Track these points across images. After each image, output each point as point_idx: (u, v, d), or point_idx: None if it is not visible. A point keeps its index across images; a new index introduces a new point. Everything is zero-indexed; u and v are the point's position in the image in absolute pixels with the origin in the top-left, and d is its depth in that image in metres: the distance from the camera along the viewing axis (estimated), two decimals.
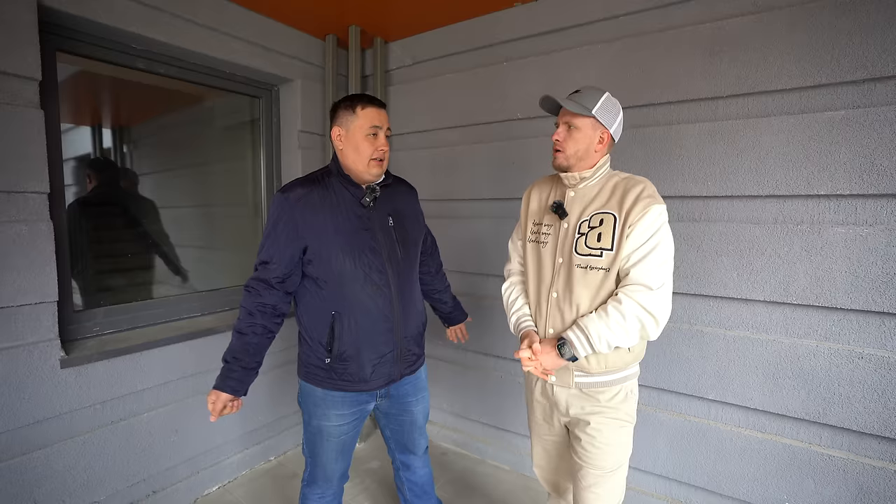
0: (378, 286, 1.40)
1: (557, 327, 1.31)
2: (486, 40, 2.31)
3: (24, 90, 1.54)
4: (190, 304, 2.22)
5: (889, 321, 1.52)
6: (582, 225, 1.28)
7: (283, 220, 1.35)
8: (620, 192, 1.26)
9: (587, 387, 1.31)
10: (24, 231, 1.55)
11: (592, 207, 1.29)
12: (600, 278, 1.24)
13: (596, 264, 1.24)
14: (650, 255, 1.19)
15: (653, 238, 1.19)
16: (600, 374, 1.29)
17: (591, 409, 1.32)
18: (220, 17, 2.06)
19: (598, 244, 1.24)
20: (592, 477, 1.34)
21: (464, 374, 2.54)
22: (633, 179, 1.28)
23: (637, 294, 1.18)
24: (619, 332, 1.19)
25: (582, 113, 1.26)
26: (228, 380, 1.34)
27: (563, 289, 1.30)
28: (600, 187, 1.31)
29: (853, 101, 1.54)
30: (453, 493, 2.21)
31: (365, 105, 1.39)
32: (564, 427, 1.43)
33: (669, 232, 1.23)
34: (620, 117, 1.32)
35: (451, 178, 2.49)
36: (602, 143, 1.29)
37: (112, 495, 1.85)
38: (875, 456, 1.58)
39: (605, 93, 1.29)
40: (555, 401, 1.38)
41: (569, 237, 1.30)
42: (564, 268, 1.30)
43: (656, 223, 1.20)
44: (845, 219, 1.57)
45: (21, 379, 1.58)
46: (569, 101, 1.28)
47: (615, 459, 1.33)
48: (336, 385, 1.42)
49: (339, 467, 1.53)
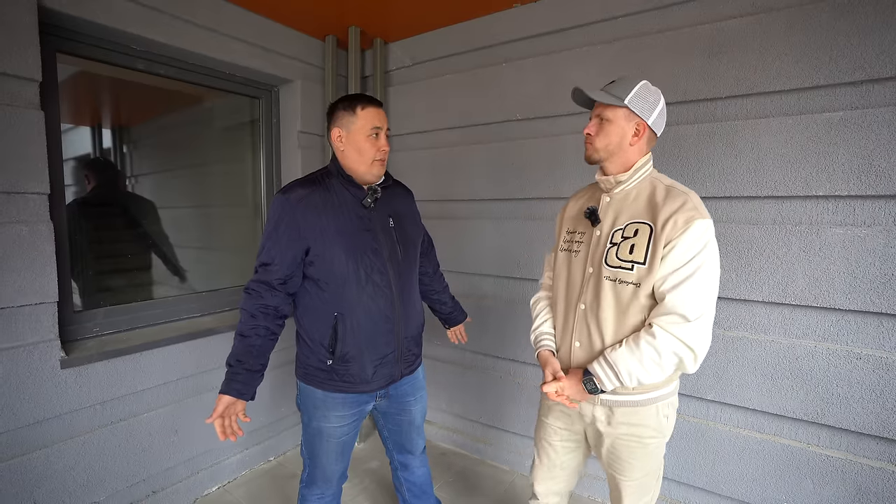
0: (380, 287, 1.40)
1: (584, 341, 1.23)
2: (486, 41, 2.32)
3: (25, 91, 1.54)
4: (190, 304, 2.22)
5: (887, 322, 1.53)
6: (615, 234, 1.18)
7: (285, 222, 1.34)
8: (660, 201, 1.13)
9: (614, 404, 1.22)
10: (25, 232, 1.55)
11: (627, 215, 1.18)
12: (629, 294, 1.14)
13: (626, 278, 1.14)
14: (690, 279, 1.06)
15: (695, 259, 1.06)
16: (627, 394, 1.20)
17: (617, 423, 1.23)
18: (219, 17, 2.06)
19: (629, 256, 1.13)
20: (620, 483, 1.30)
21: (463, 374, 2.54)
22: (676, 188, 1.16)
23: (673, 327, 1.06)
24: (652, 368, 1.10)
25: (613, 103, 1.16)
26: (233, 383, 1.32)
27: (590, 301, 1.21)
28: (638, 193, 1.20)
29: (851, 103, 1.54)
30: (453, 493, 2.22)
31: (365, 105, 1.38)
32: (585, 435, 1.35)
33: (716, 252, 1.10)
34: (661, 106, 1.20)
35: (450, 178, 2.49)
36: (638, 135, 1.18)
37: (112, 495, 1.85)
38: (873, 456, 1.59)
39: (643, 81, 1.19)
40: (580, 410, 1.30)
41: (600, 246, 1.21)
42: (594, 279, 1.21)
43: (700, 241, 1.07)
44: (843, 220, 1.57)
45: (21, 379, 1.58)
46: (599, 92, 1.19)
47: (643, 471, 1.27)
48: (337, 387, 1.41)
49: (339, 468, 1.53)
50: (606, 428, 1.25)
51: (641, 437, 1.23)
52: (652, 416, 1.22)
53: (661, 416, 1.23)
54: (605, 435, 1.26)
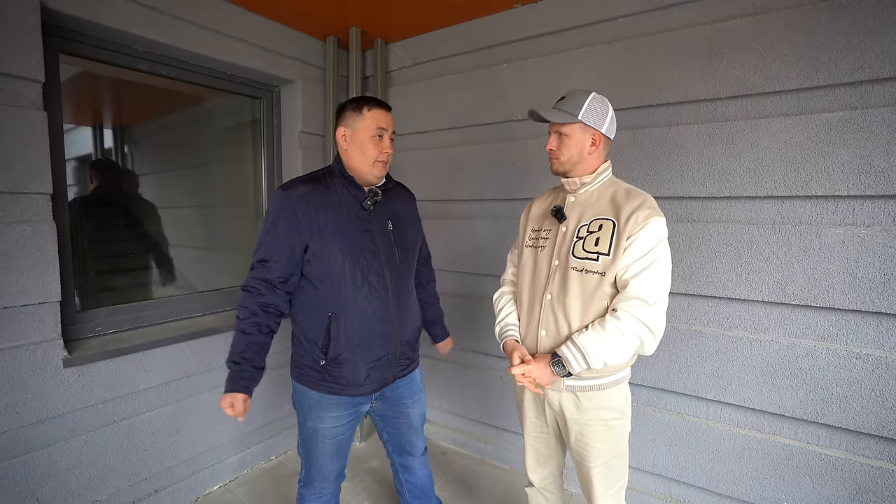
0: (376, 289, 1.40)
1: (550, 329, 1.32)
2: (486, 42, 2.32)
3: (28, 92, 1.55)
4: (191, 304, 2.23)
5: (886, 321, 1.53)
6: (581, 229, 1.29)
7: (284, 217, 1.33)
8: (622, 200, 1.26)
9: (579, 389, 1.31)
10: (28, 232, 1.56)
11: (592, 212, 1.30)
12: (595, 282, 1.24)
13: (592, 268, 1.24)
14: (649, 268, 1.19)
15: (653, 251, 1.20)
16: (591, 378, 1.30)
17: (584, 409, 1.32)
18: (220, 18, 2.06)
19: (595, 248, 1.24)
20: (590, 470, 1.35)
21: (463, 373, 2.55)
22: (634, 190, 1.29)
23: (635, 310, 1.18)
24: (616, 349, 1.20)
25: (567, 121, 1.28)
26: (242, 380, 1.33)
27: (557, 291, 1.30)
28: (600, 194, 1.32)
29: (851, 103, 1.55)
30: (453, 493, 2.22)
31: (372, 107, 1.39)
32: (556, 423, 1.43)
33: (668, 247, 1.24)
34: (610, 114, 1.32)
35: (450, 178, 2.50)
36: (595, 144, 1.30)
37: (114, 494, 1.86)
38: (873, 455, 1.59)
39: (591, 94, 1.29)
40: (547, 400, 1.39)
41: (566, 240, 1.31)
42: (560, 270, 1.31)
43: (657, 236, 1.20)
44: (843, 220, 1.58)
45: (24, 378, 1.59)
46: (553, 112, 1.30)
47: (611, 453, 1.34)
48: (330, 388, 1.41)
49: (335, 467, 1.53)
50: (574, 415, 1.33)
51: (607, 419, 1.32)
52: (615, 398, 1.32)
53: (622, 397, 1.34)
54: (573, 422, 1.34)
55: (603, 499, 1.37)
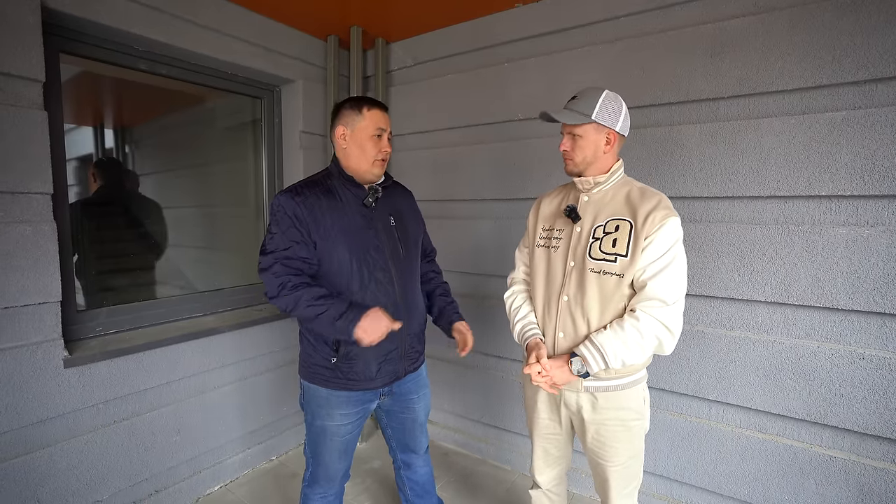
0: (382, 284, 1.41)
1: (568, 331, 1.30)
2: (488, 41, 2.32)
3: (28, 91, 1.55)
4: (192, 304, 2.23)
5: (890, 322, 1.52)
6: (597, 230, 1.27)
7: (288, 220, 1.34)
8: (637, 200, 1.25)
9: (597, 390, 1.30)
10: (28, 231, 1.56)
11: (607, 213, 1.28)
12: (613, 284, 1.23)
13: (609, 269, 1.23)
14: (667, 268, 1.18)
15: (670, 251, 1.19)
16: (609, 378, 1.28)
17: (601, 409, 1.31)
18: (221, 17, 2.06)
19: (612, 249, 1.23)
20: (607, 470, 1.35)
21: (465, 374, 2.54)
22: (649, 190, 1.27)
23: (654, 310, 1.18)
24: (635, 349, 1.19)
25: (580, 122, 1.25)
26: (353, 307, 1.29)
27: (574, 293, 1.29)
28: (614, 193, 1.30)
29: (854, 102, 1.54)
30: (454, 493, 2.22)
31: (371, 107, 1.40)
32: (570, 423, 1.42)
33: (683, 247, 1.23)
34: (624, 112, 1.29)
35: (452, 178, 2.49)
36: (609, 143, 1.28)
37: (115, 494, 1.86)
38: (876, 457, 1.58)
39: (604, 91, 1.27)
40: (563, 400, 1.37)
41: (582, 241, 1.29)
42: (576, 272, 1.29)
43: (673, 236, 1.20)
44: (846, 220, 1.57)
45: (25, 378, 1.59)
46: (565, 113, 1.28)
47: (628, 454, 1.34)
48: (341, 384, 1.42)
49: (342, 466, 1.54)
50: (591, 415, 1.32)
51: (625, 420, 1.31)
52: (633, 398, 1.31)
53: (640, 398, 1.33)
54: (590, 423, 1.33)
55: (618, 498, 1.37)
